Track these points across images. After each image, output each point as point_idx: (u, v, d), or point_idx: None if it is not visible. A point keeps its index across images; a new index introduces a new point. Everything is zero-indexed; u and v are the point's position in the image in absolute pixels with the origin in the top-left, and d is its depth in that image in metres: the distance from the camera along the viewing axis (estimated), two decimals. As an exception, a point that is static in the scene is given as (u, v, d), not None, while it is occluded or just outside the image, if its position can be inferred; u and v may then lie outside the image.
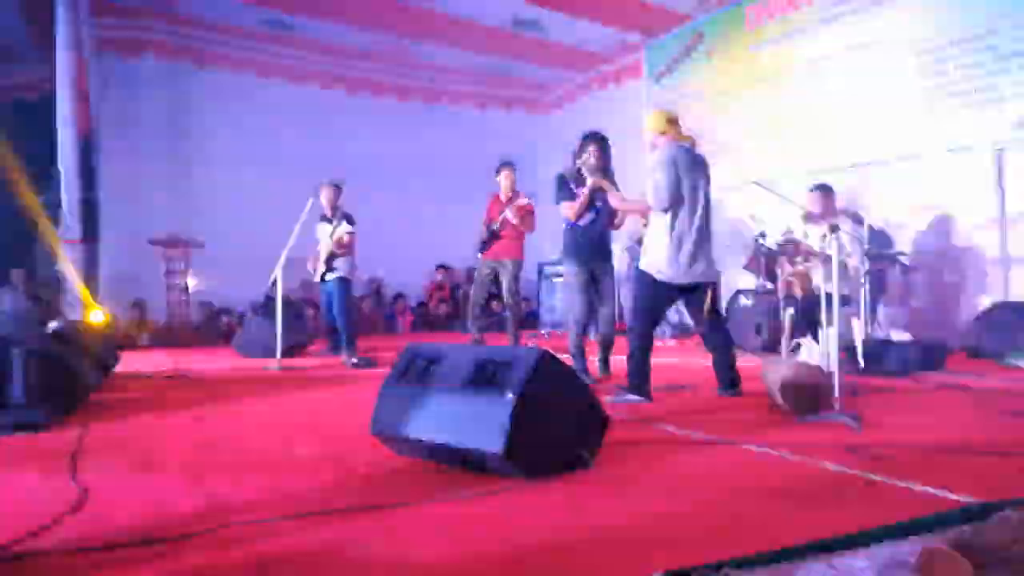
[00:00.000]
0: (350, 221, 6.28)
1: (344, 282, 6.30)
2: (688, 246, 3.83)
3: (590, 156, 4.52)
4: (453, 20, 8.90)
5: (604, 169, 4.57)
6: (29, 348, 3.64)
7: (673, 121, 3.98)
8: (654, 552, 1.63)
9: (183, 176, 9.47)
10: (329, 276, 6.27)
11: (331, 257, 6.21)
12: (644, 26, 9.28)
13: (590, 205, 4.57)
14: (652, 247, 3.91)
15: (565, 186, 4.63)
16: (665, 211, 3.85)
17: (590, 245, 4.61)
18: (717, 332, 4.00)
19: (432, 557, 1.66)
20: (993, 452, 2.54)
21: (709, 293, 3.93)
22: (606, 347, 4.72)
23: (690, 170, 3.86)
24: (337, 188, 6.40)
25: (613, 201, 4.39)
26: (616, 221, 4.82)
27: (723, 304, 6.70)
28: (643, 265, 3.93)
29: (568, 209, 4.56)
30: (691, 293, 3.97)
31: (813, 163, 7.42)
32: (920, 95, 6.52)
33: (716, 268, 4.00)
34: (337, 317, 6.28)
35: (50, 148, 7.22)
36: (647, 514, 1.95)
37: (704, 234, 3.88)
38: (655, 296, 3.93)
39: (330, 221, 6.29)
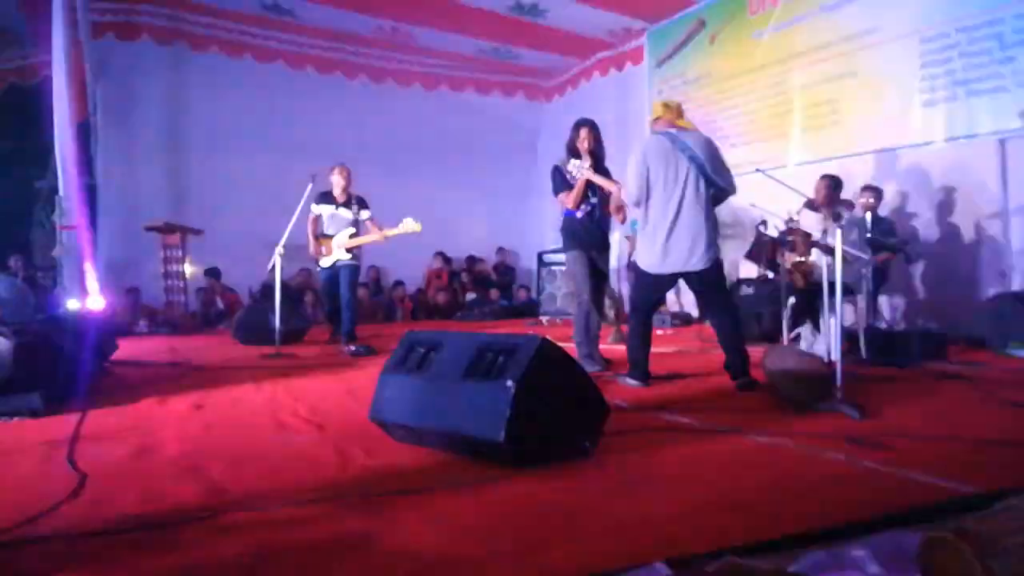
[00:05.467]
0: (364, 205, 6.18)
1: (357, 270, 6.21)
2: (662, 235, 3.77)
3: (583, 143, 4.50)
4: (453, 5, 8.82)
5: (594, 154, 4.55)
6: (27, 334, 3.63)
7: (668, 107, 3.92)
8: (655, 540, 1.62)
9: (180, 161, 9.42)
10: (344, 261, 6.10)
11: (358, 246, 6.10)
12: (646, 12, 9.20)
13: (587, 194, 4.56)
14: (639, 238, 3.98)
15: (561, 177, 4.62)
16: (637, 205, 3.92)
17: (589, 234, 4.60)
18: (724, 320, 3.91)
19: (430, 545, 1.65)
20: (995, 441, 2.53)
21: (715, 281, 3.85)
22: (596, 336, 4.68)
23: (667, 157, 3.77)
24: (349, 170, 6.24)
25: (613, 188, 4.42)
26: (621, 214, 4.83)
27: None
28: (635, 255, 3.98)
29: (567, 199, 4.56)
30: (690, 281, 3.93)
31: (816, 151, 7.39)
32: (924, 83, 6.47)
33: (710, 254, 3.81)
34: (347, 303, 6.11)
35: (47, 133, 7.17)
36: (648, 502, 1.94)
37: (688, 221, 3.75)
38: (645, 285, 3.99)
39: (347, 206, 6.14)
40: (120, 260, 8.74)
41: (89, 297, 6.56)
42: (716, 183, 3.83)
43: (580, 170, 4.47)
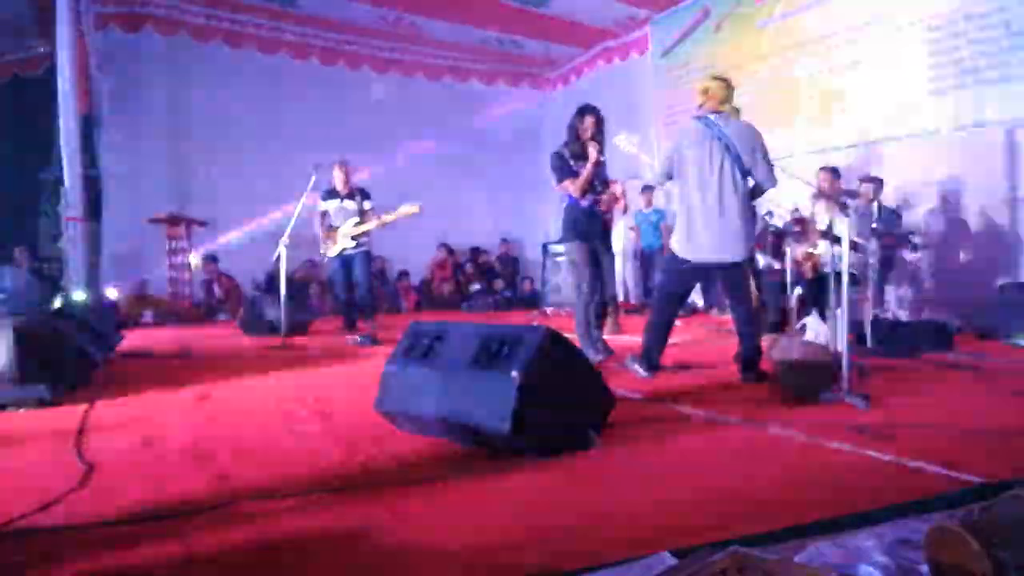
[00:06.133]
0: (366, 196, 6.38)
1: (369, 255, 6.46)
2: (698, 224, 3.67)
3: (587, 131, 4.45)
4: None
5: (596, 142, 4.49)
6: (33, 325, 3.64)
7: (706, 93, 3.79)
8: (660, 530, 1.62)
9: (185, 152, 9.41)
10: (351, 249, 6.29)
11: (362, 233, 6.30)
12: (650, 1, 9.13)
13: (593, 184, 4.51)
14: (676, 224, 3.89)
15: (565, 164, 4.55)
16: (659, 185, 3.90)
17: (591, 223, 4.57)
18: (744, 313, 3.81)
19: (435, 534, 1.66)
20: (1001, 431, 2.52)
21: (742, 273, 3.75)
22: (600, 324, 4.67)
23: (702, 144, 3.66)
24: (348, 165, 6.44)
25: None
26: (623, 202, 4.83)
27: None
28: (670, 242, 3.91)
29: (572, 187, 4.50)
30: (720, 271, 3.83)
31: (822, 140, 7.34)
32: (931, 71, 6.42)
33: (745, 247, 3.71)
34: (364, 290, 6.38)
35: (52, 125, 7.18)
36: (654, 492, 1.94)
37: (725, 212, 3.63)
38: (675, 274, 3.89)
39: (351, 197, 6.34)
40: (125, 252, 8.76)
41: None
42: (751, 175, 3.69)
43: (629, 143, 4.31)
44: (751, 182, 3.73)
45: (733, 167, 3.65)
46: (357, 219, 6.26)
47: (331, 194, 6.39)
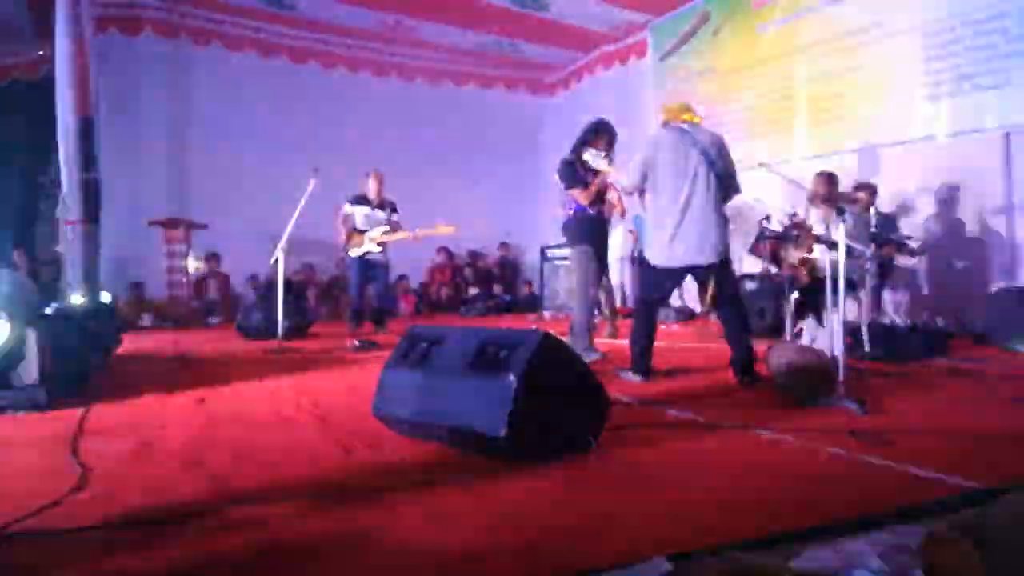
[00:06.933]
0: (394, 209, 6.87)
1: (388, 267, 6.97)
2: (670, 229, 3.73)
3: (601, 150, 4.52)
4: (456, -1, 8.81)
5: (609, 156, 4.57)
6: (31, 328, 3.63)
7: (670, 109, 3.95)
8: (657, 535, 1.62)
9: (184, 156, 9.42)
10: (374, 255, 6.71)
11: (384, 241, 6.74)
12: (650, 5, 9.16)
13: (598, 194, 4.64)
14: (648, 231, 3.97)
15: (576, 172, 4.63)
16: (630, 193, 4.03)
17: (596, 231, 4.67)
18: (731, 316, 3.86)
19: (431, 540, 1.65)
20: (997, 437, 2.53)
21: (714, 276, 3.82)
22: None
23: (677, 150, 3.74)
24: (382, 176, 6.90)
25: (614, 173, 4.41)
26: (621, 205, 4.93)
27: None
28: (644, 248, 3.97)
29: (582, 196, 4.59)
30: (698, 276, 3.90)
31: (820, 145, 7.36)
32: (929, 77, 6.44)
33: (719, 249, 3.77)
34: (381, 297, 6.95)
35: (50, 128, 7.17)
36: (650, 497, 1.94)
37: (697, 215, 3.70)
38: (651, 279, 3.96)
39: (381, 207, 6.78)
40: (123, 255, 8.75)
41: None
42: (723, 180, 3.78)
43: (597, 159, 4.40)
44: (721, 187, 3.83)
45: (708, 173, 3.74)
46: (386, 227, 6.66)
47: (361, 200, 6.77)
